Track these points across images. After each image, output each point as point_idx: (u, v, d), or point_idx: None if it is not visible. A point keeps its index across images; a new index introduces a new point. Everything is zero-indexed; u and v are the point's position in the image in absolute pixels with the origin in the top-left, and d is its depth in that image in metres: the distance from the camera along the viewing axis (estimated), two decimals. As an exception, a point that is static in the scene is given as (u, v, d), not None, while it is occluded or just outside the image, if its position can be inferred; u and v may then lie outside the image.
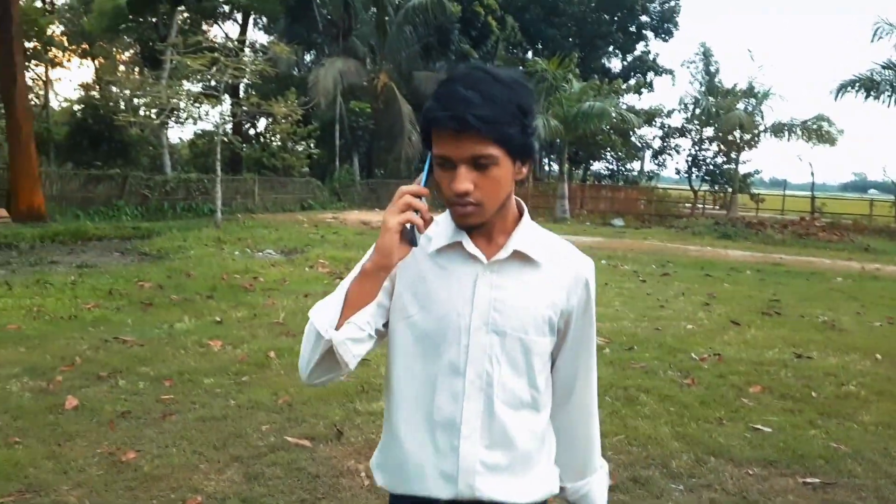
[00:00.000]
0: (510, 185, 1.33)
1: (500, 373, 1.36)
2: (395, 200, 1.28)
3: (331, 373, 1.36)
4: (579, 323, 1.44)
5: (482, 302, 1.36)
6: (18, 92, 16.59)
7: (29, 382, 4.85)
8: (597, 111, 23.74)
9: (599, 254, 15.15)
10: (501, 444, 1.38)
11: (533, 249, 1.38)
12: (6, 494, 3.26)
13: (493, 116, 1.24)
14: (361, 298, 1.33)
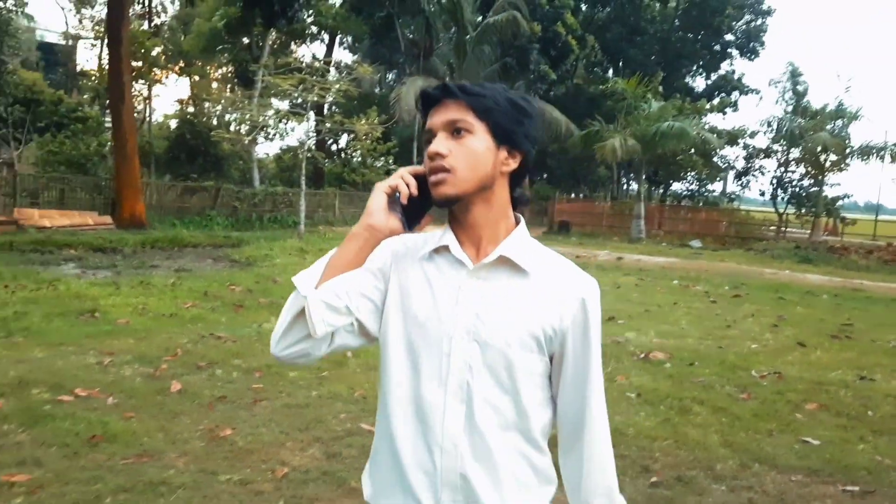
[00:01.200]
0: (490, 168, 1.32)
1: (481, 385, 1.31)
2: (393, 175, 1.35)
3: (300, 344, 1.32)
4: (577, 349, 1.35)
5: (465, 309, 1.32)
6: (126, 109, 17.92)
7: (139, 368, 5.51)
8: (676, 131, 23.66)
9: (671, 274, 15.22)
10: (486, 462, 1.32)
11: (522, 258, 1.34)
12: (127, 457, 3.83)
13: (475, 91, 1.31)
14: (343, 261, 1.32)
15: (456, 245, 1.35)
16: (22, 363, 5.55)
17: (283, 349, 1.33)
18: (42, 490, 3.41)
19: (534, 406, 1.35)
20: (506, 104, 1.33)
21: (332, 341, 1.35)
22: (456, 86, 1.32)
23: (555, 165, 39.67)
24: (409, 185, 1.31)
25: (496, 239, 1.35)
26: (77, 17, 36.52)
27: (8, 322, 6.96)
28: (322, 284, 1.30)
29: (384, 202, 1.31)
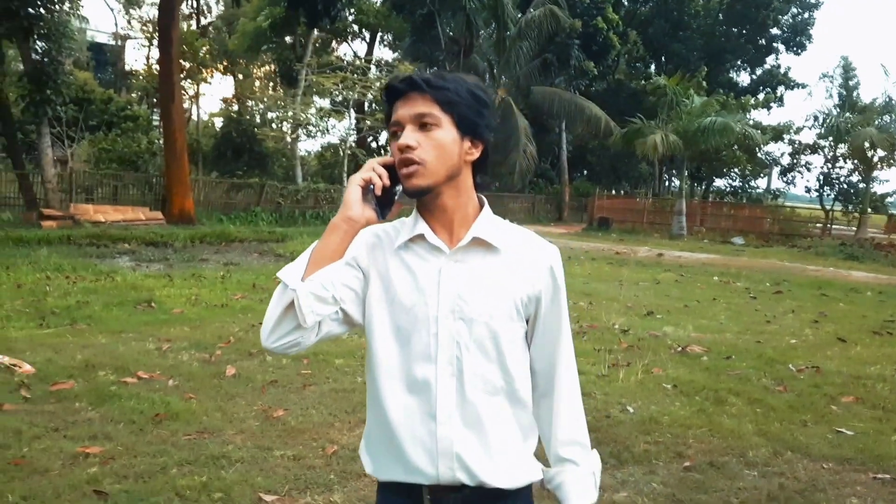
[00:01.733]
0: (457, 158, 1.40)
1: (470, 359, 1.41)
2: (365, 166, 1.42)
3: (292, 334, 1.39)
4: (548, 310, 1.48)
5: (447, 291, 1.41)
6: (175, 108, 18.46)
7: (195, 354, 5.82)
8: (718, 127, 23.45)
9: (712, 270, 15.18)
10: (476, 428, 1.41)
11: (493, 237, 1.44)
12: (189, 433, 4.12)
13: (439, 84, 1.38)
14: (325, 252, 1.39)
15: (430, 233, 1.43)
16: (87, 348, 5.91)
17: (274, 341, 1.40)
18: (113, 461, 3.70)
19: (517, 369, 1.45)
20: (468, 96, 1.40)
21: (320, 330, 1.42)
22: (421, 79, 1.38)
23: (595, 162, 39.55)
24: (381, 177, 1.39)
25: (466, 222, 1.44)
26: (126, 17, 37.48)
27: (72, 311, 7.37)
28: (308, 276, 1.37)
29: (360, 194, 1.39)
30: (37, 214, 16.64)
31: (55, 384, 4.90)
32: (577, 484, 1.50)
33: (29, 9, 16.52)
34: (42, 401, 4.59)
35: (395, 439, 1.43)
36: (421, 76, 1.39)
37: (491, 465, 1.42)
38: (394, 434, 1.43)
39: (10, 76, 18.07)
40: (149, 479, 3.52)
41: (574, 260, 16.08)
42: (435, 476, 1.41)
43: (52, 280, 9.28)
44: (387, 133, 1.47)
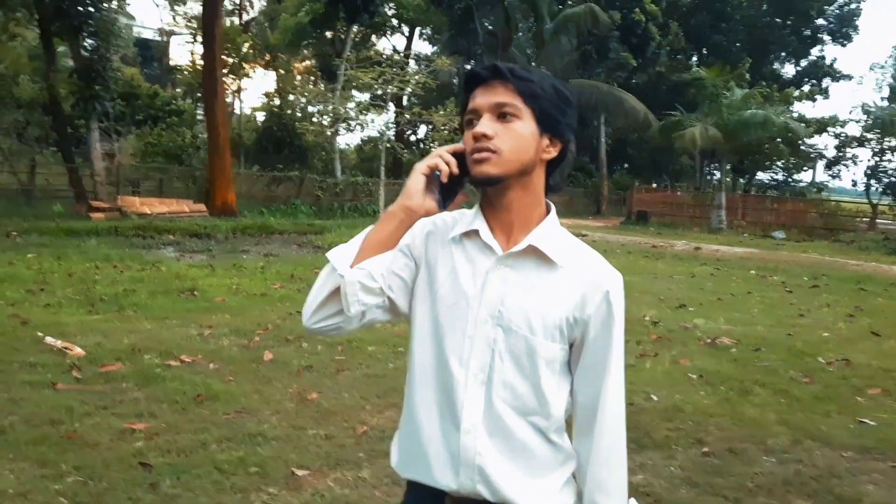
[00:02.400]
0: (533, 154, 1.34)
1: (503, 369, 1.34)
2: (431, 154, 1.38)
3: (333, 318, 1.37)
4: (598, 340, 1.37)
5: (491, 294, 1.34)
6: (218, 103, 18.90)
7: (235, 340, 6.09)
8: (759, 119, 23.16)
9: (749, 264, 15.08)
10: (503, 443, 1.35)
11: (551, 248, 1.35)
12: (228, 413, 4.36)
13: (524, 76, 1.33)
14: (379, 241, 1.36)
15: (486, 231, 1.36)
16: (134, 333, 6.22)
17: (316, 322, 1.38)
18: (158, 437, 3.95)
19: (553, 393, 1.36)
20: (552, 92, 1.34)
21: (364, 317, 1.38)
22: (507, 68, 1.33)
23: (635, 155, 39.23)
24: (449, 164, 1.35)
25: (527, 226, 1.36)
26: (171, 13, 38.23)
27: (119, 298, 7.71)
28: (358, 264, 1.34)
29: (423, 184, 1.36)
30: (86, 207, 17.21)
31: (104, 366, 5.19)
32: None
33: (78, 7, 17.07)
34: (92, 381, 4.88)
35: (421, 439, 1.39)
36: (506, 65, 1.34)
37: (514, 484, 1.34)
38: (420, 434, 1.39)
39: (60, 73, 18.67)
40: (190, 453, 3.76)
41: (609, 253, 16.08)
42: (456, 485, 1.35)
43: (101, 269, 9.68)
44: (461, 121, 1.41)
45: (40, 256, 10.45)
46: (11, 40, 19.87)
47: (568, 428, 1.44)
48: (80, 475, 3.43)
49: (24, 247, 11.60)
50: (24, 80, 21.92)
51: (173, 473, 3.48)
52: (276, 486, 3.44)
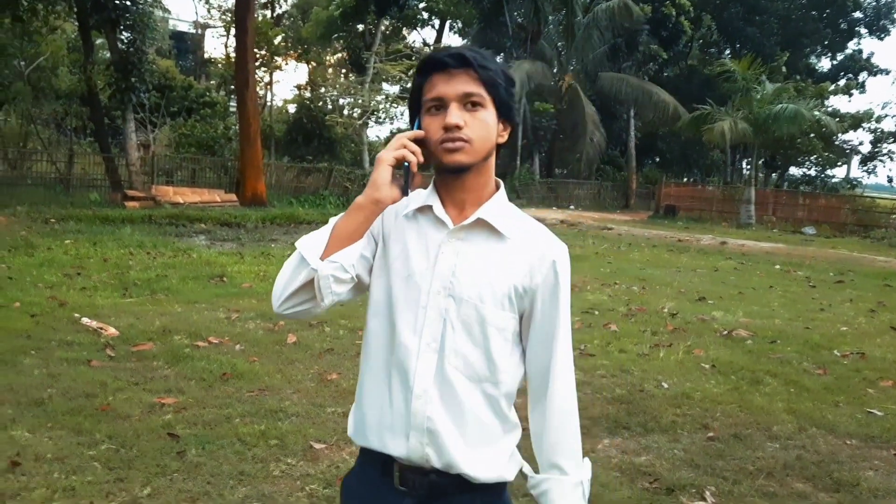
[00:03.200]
0: (494, 139, 1.40)
1: (454, 338, 1.39)
2: (392, 143, 1.39)
3: (304, 305, 1.40)
4: (546, 309, 1.43)
5: (443, 266, 1.40)
6: (250, 95, 19.23)
7: (261, 324, 6.33)
8: (789, 114, 22.88)
9: (774, 259, 15.03)
10: (453, 409, 1.39)
11: (499, 221, 1.41)
12: (252, 391, 4.59)
13: (486, 63, 1.37)
14: (347, 232, 1.39)
15: (439, 206, 1.43)
16: (165, 315, 6.49)
17: (287, 308, 1.40)
18: (185, 410, 4.19)
19: (503, 360, 1.42)
20: (505, 79, 1.40)
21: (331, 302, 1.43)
22: (472, 57, 1.36)
23: (665, 149, 38.97)
24: (416, 154, 1.38)
25: (478, 202, 1.42)
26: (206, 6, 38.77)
27: (152, 283, 8.01)
28: (329, 256, 1.36)
29: (389, 175, 1.37)
30: (121, 195, 17.65)
31: (136, 345, 5.46)
32: (563, 494, 1.44)
33: (116, 1, 17.48)
34: (124, 359, 5.15)
35: (374, 408, 1.44)
36: (471, 53, 1.37)
37: (462, 449, 1.39)
38: (373, 402, 1.45)
39: (98, 65, 19.14)
40: (215, 426, 3.98)
41: (634, 247, 16.13)
42: (405, 450, 1.40)
43: (135, 255, 10.01)
44: (412, 105, 1.47)
45: (77, 242, 10.83)
46: (52, 33, 20.38)
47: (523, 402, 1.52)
48: (112, 443, 3.67)
49: (61, 233, 12.00)
50: (63, 71, 22.51)
51: (199, 443, 3.71)
52: (294, 457, 3.65)
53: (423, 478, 1.42)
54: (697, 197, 31.51)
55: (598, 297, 8.93)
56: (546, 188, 31.25)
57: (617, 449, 4.07)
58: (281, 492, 3.29)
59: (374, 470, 1.47)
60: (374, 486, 1.47)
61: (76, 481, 3.23)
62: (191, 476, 3.37)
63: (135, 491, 3.19)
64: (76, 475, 3.29)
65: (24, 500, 3.05)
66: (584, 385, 5.20)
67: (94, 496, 3.12)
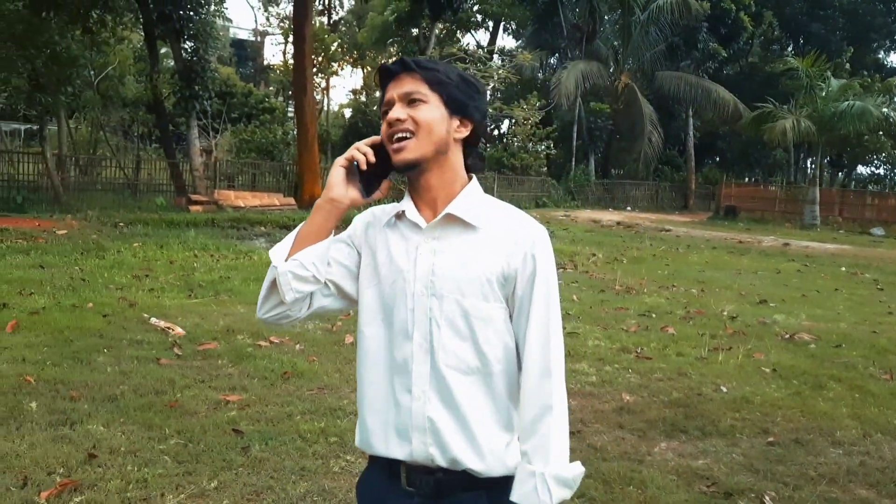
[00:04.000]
0: (444, 133, 1.45)
1: (441, 335, 1.42)
2: (349, 149, 1.48)
3: (278, 308, 1.48)
4: (525, 291, 1.44)
5: (422, 267, 1.44)
6: (307, 101, 19.61)
7: (319, 324, 6.47)
8: (856, 111, 22.20)
9: (840, 261, 14.61)
10: (451, 406, 1.42)
11: (469, 214, 1.44)
12: (311, 389, 4.72)
13: (429, 66, 1.46)
14: (309, 232, 1.47)
15: (412, 209, 1.48)
16: (228, 316, 6.70)
17: (265, 313, 1.49)
18: (249, 408, 4.34)
19: (493, 350, 1.44)
20: (457, 79, 1.47)
21: (311, 304, 1.50)
22: (412, 61, 1.46)
23: (726, 148, 38.21)
24: (366, 155, 1.45)
25: (449, 199, 1.47)
26: (265, 14, 39.63)
27: (216, 284, 8.27)
28: (291, 256, 1.45)
29: (343, 175, 1.46)
30: (186, 200, 18.20)
31: (201, 344, 5.66)
32: (520, 482, 1.41)
33: (180, 12, 18.06)
34: (191, 358, 5.34)
35: (376, 415, 1.48)
36: (411, 59, 1.47)
37: (463, 444, 1.42)
38: (374, 410, 1.48)
39: (163, 74, 19.79)
40: (277, 422, 4.11)
41: (693, 248, 15.88)
42: (409, 452, 1.43)
43: (199, 258, 10.34)
44: (380, 114, 1.54)
45: (145, 245, 11.23)
46: (119, 43, 21.17)
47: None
48: (180, 438, 3.82)
49: (130, 237, 12.47)
50: (130, 80, 23.35)
51: (262, 439, 3.84)
52: (353, 454, 3.74)
53: (430, 476, 1.44)
54: (759, 197, 30.82)
55: (656, 300, 8.84)
56: (602, 189, 30.99)
57: (674, 452, 4.05)
58: (340, 487, 3.38)
59: (382, 472, 1.50)
60: (382, 488, 1.50)
61: (148, 473, 3.38)
62: (255, 471, 3.49)
63: (202, 484, 3.33)
64: (148, 468, 3.45)
65: (101, 489, 3.22)
66: (640, 388, 5.19)
67: (165, 488, 3.27)
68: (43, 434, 3.77)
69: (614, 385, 5.21)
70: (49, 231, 12.35)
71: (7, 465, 3.39)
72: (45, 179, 17.67)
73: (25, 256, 9.56)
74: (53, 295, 7.22)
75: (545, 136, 28.67)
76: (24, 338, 5.57)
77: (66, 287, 7.68)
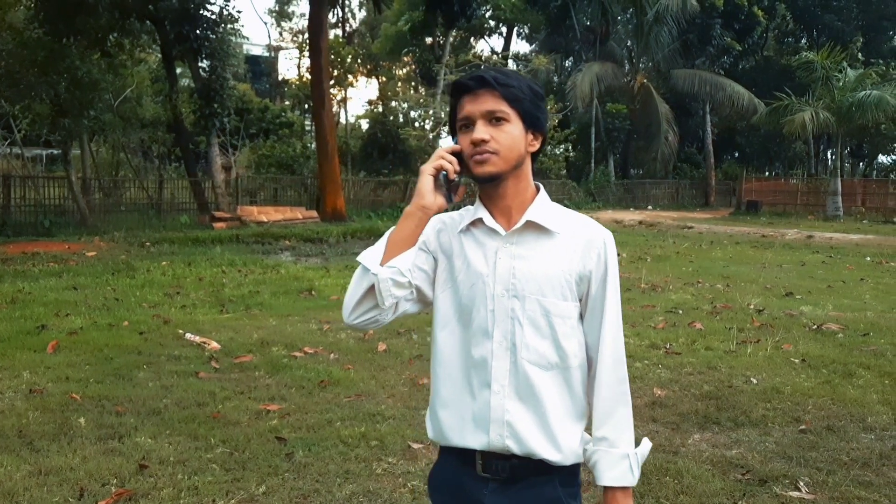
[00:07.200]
0: (523, 149, 1.54)
1: (524, 334, 1.51)
2: (433, 156, 1.54)
3: (370, 312, 1.54)
4: (598, 289, 1.55)
5: (502, 270, 1.52)
6: (326, 114, 19.84)
7: (352, 333, 6.60)
8: (873, 100, 22.03)
9: (864, 251, 14.52)
10: (529, 399, 1.51)
11: (546, 220, 1.54)
12: (349, 396, 4.84)
13: (507, 81, 1.51)
14: (402, 239, 1.53)
15: (489, 217, 1.56)
16: (261, 329, 6.85)
17: (355, 318, 1.55)
18: (289, 416, 4.46)
19: (571, 346, 1.54)
20: (529, 93, 1.53)
21: (396, 309, 1.56)
22: (491, 77, 1.50)
23: (744, 143, 37.95)
24: (452, 164, 1.53)
25: (523, 207, 1.56)
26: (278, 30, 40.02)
27: (246, 299, 8.43)
28: (388, 262, 1.51)
29: (432, 183, 1.53)
30: (209, 217, 18.49)
31: (238, 357, 5.80)
32: (611, 466, 1.53)
33: (197, 31, 18.37)
34: (228, 371, 5.48)
35: (453, 409, 1.56)
36: (490, 74, 1.51)
37: (540, 436, 1.51)
38: (452, 404, 1.57)
39: (181, 93, 20.11)
40: (318, 429, 4.23)
41: (716, 244, 15.86)
42: (486, 442, 1.51)
43: (227, 273, 10.53)
44: (450, 125, 1.62)
45: (173, 264, 11.45)
46: (136, 66, 21.54)
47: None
48: (226, 447, 3.95)
49: (157, 255, 12.70)
50: (147, 101, 23.73)
51: (305, 446, 3.95)
52: (394, 456, 3.85)
53: (505, 462, 1.53)
54: (781, 191, 30.63)
55: (682, 297, 8.87)
56: (622, 189, 30.95)
57: (707, 443, 4.11)
58: (385, 488, 3.49)
59: (456, 460, 1.59)
60: (457, 475, 1.59)
61: (198, 481, 3.51)
62: (300, 475, 3.60)
63: (251, 489, 3.45)
64: (197, 476, 3.57)
65: (154, 498, 3.35)
66: (671, 382, 5.25)
67: (216, 494, 3.39)
68: (93, 448, 3.91)
69: (645, 381, 5.27)
70: (79, 253, 12.63)
71: (63, 479, 3.52)
72: (71, 203, 18.02)
73: (58, 279, 9.80)
74: (89, 315, 7.41)
75: (563, 138, 28.71)
76: (65, 357, 5.74)
77: (101, 307, 7.88)
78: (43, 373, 5.29)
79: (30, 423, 4.24)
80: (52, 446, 3.92)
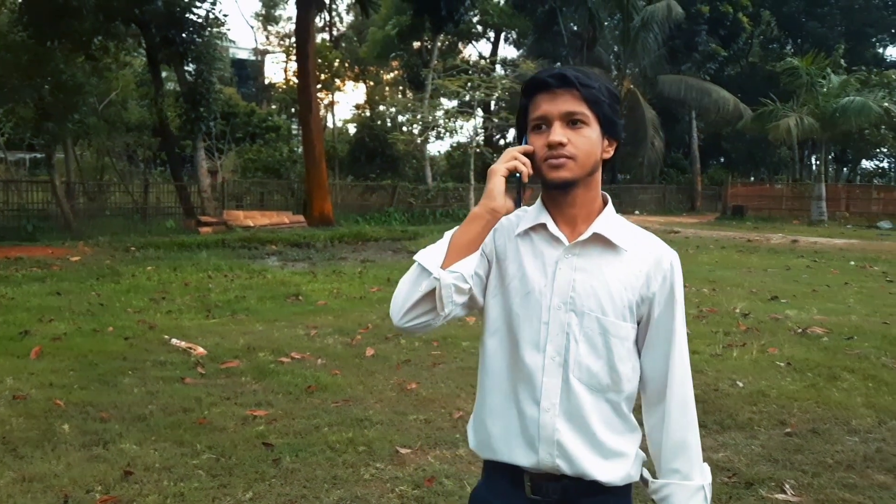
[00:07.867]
0: (598, 155, 1.43)
1: (578, 351, 1.42)
2: (504, 155, 1.42)
3: (425, 317, 1.42)
4: (663, 315, 1.46)
5: (562, 282, 1.42)
6: (313, 118, 19.83)
7: (339, 338, 6.59)
8: (856, 106, 22.26)
9: (849, 256, 14.65)
10: (579, 419, 1.43)
11: (614, 234, 1.44)
12: (336, 401, 4.82)
13: (588, 82, 1.40)
14: (467, 242, 1.41)
15: (552, 224, 1.45)
16: (248, 334, 6.81)
17: (407, 321, 1.42)
18: (276, 422, 4.43)
19: (625, 369, 1.45)
20: (609, 96, 1.43)
21: (448, 314, 1.43)
22: (573, 77, 1.39)
23: (730, 149, 38.24)
24: (526, 165, 1.41)
25: (589, 218, 1.46)
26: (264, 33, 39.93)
27: (232, 304, 8.39)
28: (449, 266, 1.39)
29: (503, 185, 1.41)
30: (195, 221, 18.39)
31: (224, 363, 5.77)
32: (685, 499, 1.45)
33: (183, 35, 18.30)
34: (214, 376, 5.45)
35: (499, 421, 1.48)
36: (572, 73, 1.41)
37: (591, 457, 1.43)
38: (498, 416, 1.48)
39: (167, 97, 20.01)
40: (306, 435, 4.21)
41: (702, 249, 15.95)
42: (535, 461, 1.43)
43: (213, 278, 10.47)
44: (518, 124, 1.51)
45: (158, 269, 11.38)
46: (121, 69, 21.41)
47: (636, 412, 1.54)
48: (212, 453, 3.92)
49: (143, 260, 12.62)
50: (132, 105, 23.59)
51: (292, 451, 3.93)
52: (382, 461, 3.84)
53: (556, 483, 1.45)
54: (766, 196, 30.90)
55: (667, 301, 8.89)
56: (610, 194, 30.91)
57: (694, 447, 4.12)
58: (373, 493, 3.47)
59: (504, 480, 1.50)
60: (505, 496, 1.49)
61: (184, 488, 3.48)
62: (287, 481, 3.59)
63: (238, 495, 3.43)
64: (183, 482, 3.55)
65: (140, 504, 3.32)
66: (657, 387, 5.26)
67: (202, 501, 3.37)
68: (78, 454, 3.88)
69: (632, 385, 5.28)
70: (62, 258, 12.53)
71: (47, 485, 3.49)
72: (55, 207, 17.87)
73: (42, 284, 9.71)
74: (73, 320, 7.35)
75: (550, 144, 28.69)
76: (49, 363, 5.69)
77: (85, 312, 7.81)
78: (26, 379, 5.23)
79: (13, 430, 4.20)
80: (36, 453, 3.88)
